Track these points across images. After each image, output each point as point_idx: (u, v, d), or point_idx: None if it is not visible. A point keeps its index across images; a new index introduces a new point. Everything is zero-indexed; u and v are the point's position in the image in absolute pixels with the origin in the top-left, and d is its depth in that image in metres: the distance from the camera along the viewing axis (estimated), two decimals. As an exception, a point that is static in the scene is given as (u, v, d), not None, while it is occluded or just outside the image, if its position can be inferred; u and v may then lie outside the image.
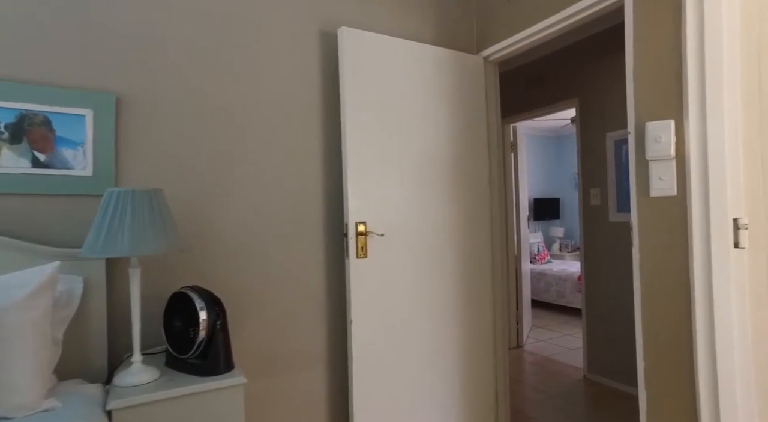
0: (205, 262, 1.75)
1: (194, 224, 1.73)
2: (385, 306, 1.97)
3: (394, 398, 1.97)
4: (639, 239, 1.58)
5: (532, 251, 6.08)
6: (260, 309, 1.85)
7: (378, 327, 1.94)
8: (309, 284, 1.95)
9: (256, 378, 1.83)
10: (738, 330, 1.42)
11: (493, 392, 2.31)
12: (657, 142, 1.50)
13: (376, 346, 1.93)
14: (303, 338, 1.93)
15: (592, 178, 3.26)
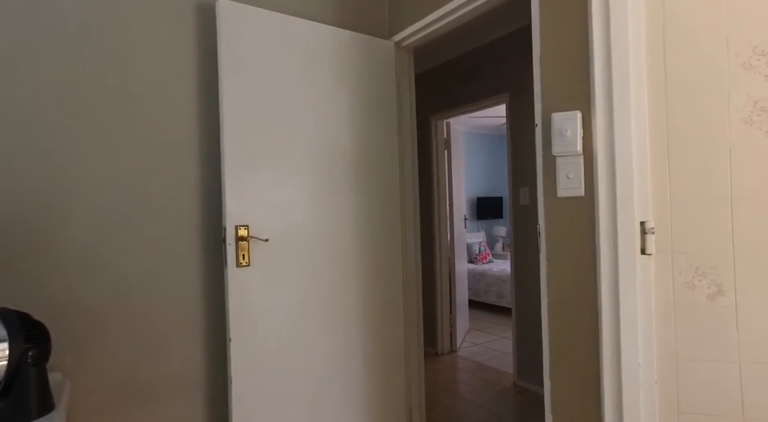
0: (41, 278, 1.43)
1: (18, 235, 1.41)
2: (272, 320, 1.71)
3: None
4: (546, 244, 1.41)
5: (473, 251, 5.99)
6: (120, 330, 1.55)
7: (263, 345, 1.68)
8: (184, 299, 1.66)
9: (115, 412, 1.53)
10: (644, 344, 1.28)
11: (406, 407, 2.11)
12: (563, 135, 1.33)
13: (261, 367, 1.68)
14: (177, 361, 1.65)
15: (521, 177, 3.14)
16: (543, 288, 1.45)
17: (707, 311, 1.28)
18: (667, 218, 1.30)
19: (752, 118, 1.25)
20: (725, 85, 1.27)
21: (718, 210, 1.27)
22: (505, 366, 3.43)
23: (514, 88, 3.16)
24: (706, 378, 1.28)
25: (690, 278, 1.29)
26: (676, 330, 1.30)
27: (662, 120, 1.31)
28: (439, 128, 3.95)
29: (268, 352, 1.69)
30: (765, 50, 1.25)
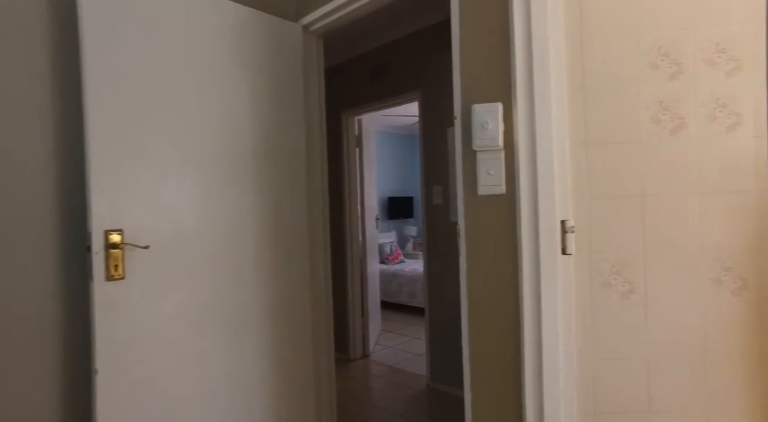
0: None
1: None
2: (156, 342, 1.43)
3: (171, 467, 1.45)
4: (467, 245, 1.32)
5: (384, 252, 5.95)
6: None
7: (145, 373, 1.40)
8: (33, 321, 1.32)
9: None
10: (564, 346, 1.24)
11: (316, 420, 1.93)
12: (484, 128, 1.24)
13: (142, 400, 1.39)
14: (19, 400, 1.30)
15: (434, 175, 3.10)
16: (463, 291, 1.36)
17: (621, 309, 1.27)
18: (585, 217, 1.28)
19: (659, 117, 1.26)
20: (635, 84, 1.27)
21: (631, 208, 1.27)
22: (419, 369, 3.38)
23: (426, 85, 3.12)
24: (619, 377, 1.27)
25: (606, 277, 1.27)
26: (593, 330, 1.28)
27: (581, 116, 1.28)
28: (351, 125, 3.81)
29: (151, 381, 1.41)
30: (668, 52, 1.27)
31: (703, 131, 1.25)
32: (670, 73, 1.26)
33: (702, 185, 1.25)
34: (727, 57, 1.26)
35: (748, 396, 1.25)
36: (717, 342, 1.25)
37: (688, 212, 1.25)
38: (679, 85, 1.26)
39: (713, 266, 1.25)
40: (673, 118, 1.25)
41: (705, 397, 1.25)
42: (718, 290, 1.25)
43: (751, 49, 1.26)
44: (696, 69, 1.26)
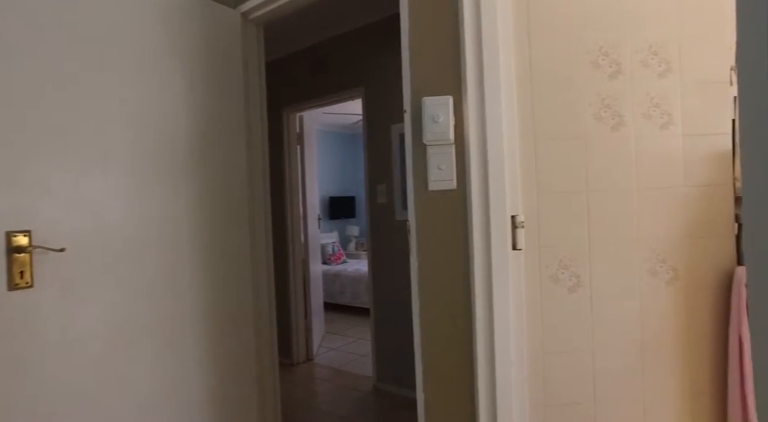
0: None
1: None
2: (72, 360, 1.27)
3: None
4: (417, 241, 1.29)
5: (327, 252, 5.84)
6: None
7: (58, 396, 1.24)
8: None
9: None
10: (515, 342, 1.24)
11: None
12: (435, 122, 1.22)
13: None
14: None
15: (378, 173, 3.07)
16: (414, 289, 1.32)
17: (568, 303, 1.29)
18: (534, 212, 1.29)
19: (601, 114, 1.30)
20: (579, 82, 1.30)
21: (577, 203, 1.29)
22: (364, 370, 3.34)
23: (370, 82, 3.08)
24: (568, 369, 1.30)
25: (554, 272, 1.29)
26: (543, 324, 1.29)
27: (529, 112, 1.29)
28: (292, 122, 3.69)
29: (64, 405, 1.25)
30: (608, 51, 1.31)
31: (640, 129, 1.31)
32: (610, 73, 1.30)
33: (640, 180, 1.30)
34: (658, 59, 1.32)
35: (679, 380, 1.32)
36: (653, 330, 1.31)
37: (628, 207, 1.30)
38: (619, 84, 1.30)
39: (650, 258, 1.31)
40: (614, 115, 1.29)
41: (643, 384, 1.31)
42: (653, 281, 1.31)
43: (677, 52, 1.33)
44: (633, 69, 1.31)
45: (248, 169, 1.85)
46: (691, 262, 1.32)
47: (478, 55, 1.21)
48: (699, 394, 1.32)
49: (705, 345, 1.33)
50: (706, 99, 1.33)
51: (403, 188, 2.91)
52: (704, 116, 1.33)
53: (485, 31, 1.21)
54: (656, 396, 1.31)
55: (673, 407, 1.32)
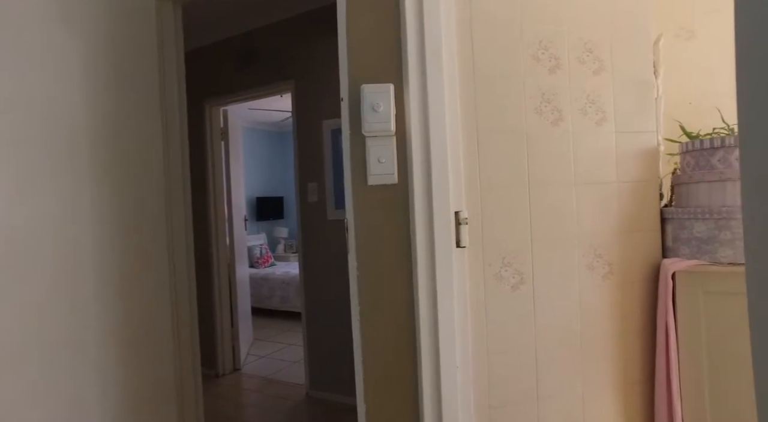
0: None
1: None
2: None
3: None
4: (356, 239, 1.19)
5: (254, 255, 5.56)
6: None
7: None
8: None
9: None
10: (461, 344, 1.19)
11: (181, 466, 1.63)
12: (375, 111, 1.13)
13: None
14: None
15: (309, 172, 2.93)
16: (353, 290, 1.22)
17: (512, 301, 1.27)
18: (477, 208, 1.24)
19: (541, 108, 1.29)
20: (521, 75, 1.28)
21: (519, 198, 1.27)
22: (296, 377, 3.18)
23: (300, 75, 2.93)
24: (512, 368, 1.27)
25: (498, 269, 1.26)
26: (487, 323, 1.25)
27: (471, 104, 1.24)
28: (215, 116, 3.43)
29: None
30: (547, 46, 1.30)
31: (577, 125, 1.31)
32: (550, 67, 1.29)
33: (578, 175, 1.31)
34: (593, 57, 1.33)
35: (613, 370, 1.34)
36: (590, 324, 1.32)
37: (568, 202, 1.30)
38: (558, 79, 1.30)
39: (588, 253, 1.32)
40: (554, 110, 1.29)
41: (582, 377, 1.31)
42: (591, 276, 1.32)
43: (609, 51, 1.35)
44: (570, 65, 1.31)
45: (165, 165, 1.64)
46: (624, 256, 1.35)
47: (420, 42, 1.14)
48: (631, 382, 1.36)
49: (636, 335, 1.36)
50: (634, 98, 1.37)
51: (336, 186, 2.80)
52: (633, 114, 1.37)
53: (427, 16, 1.14)
54: (593, 387, 1.32)
55: (609, 396, 1.34)
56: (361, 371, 1.20)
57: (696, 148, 1.31)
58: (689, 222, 1.28)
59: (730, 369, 1.25)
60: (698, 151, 1.30)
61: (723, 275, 1.24)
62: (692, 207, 1.28)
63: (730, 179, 1.23)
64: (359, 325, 1.20)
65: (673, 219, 1.33)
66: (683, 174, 1.36)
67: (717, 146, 1.26)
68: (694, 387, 1.29)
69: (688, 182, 1.32)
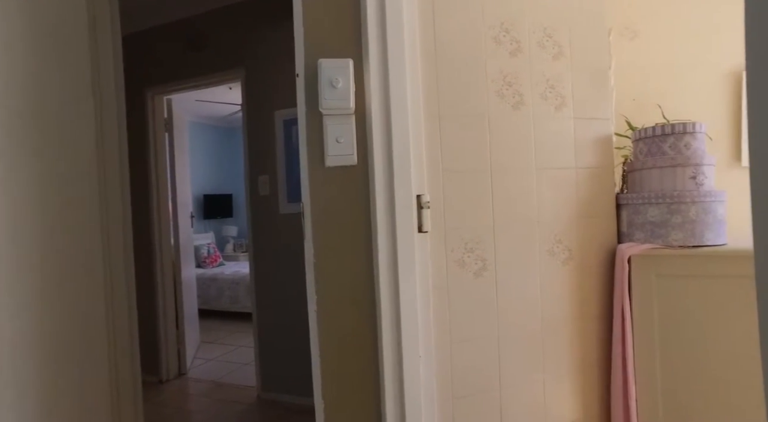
0: None
1: None
2: None
3: None
4: (312, 225, 1.12)
5: (201, 254, 5.31)
6: None
7: None
8: None
9: None
10: (423, 333, 1.14)
11: (118, 480, 1.48)
12: (333, 87, 1.06)
13: None
14: None
15: (260, 164, 2.81)
16: (309, 279, 1.15)
17: (475, 288, 1.23)
18: (439, 192, 1.20)
19: (503, 91, 1.27)
20: (482, 57, 1.25)
21: (481, 182, 1.24)
22: (247, 379, 3.03)
23: (251, 62, 2.80)
24: (475, 357, 1.24)
25: (461, 255, 1.22)
26: (450, 312, 1.21)
27: (433, 85, 1.20)
28: (158, 106, 3.22)
29: None
30: (509, 28, 1.28)
31: (538, 109, 1.30)
32: (511, 50, 1.27)
33: (539, 161, 1.30)
34: (552, 42, 1.33)
35: (573, 354, 1.34)
36: (551, 310, 1.31)
37: (529, 187, 1.29)
38: (519, 62, 1.28)
39: (548, 238, 1.31)
40: (515, 94, 1.27)
41: (543, 363, 1.31)
42: (551, 261, 1.32)
43: (568, 36, 1.36)
44: (530, 49, 1.30)
45: (100, 157, 1.49)
46: (582, 241, 1.35)
47: (381, 16, 1.09)
48: (589, 366, 1.36)
49: (594, 319, 1.37)
50: (591, 85, 1.38)
51: (290, 179, 2.69)
52: (590, 101, 1.38)
53: None
54: (554, 372, 1.32)
55: (568, 381, 1.34)
56: (319, 364, 1.13)
57: (648, 135, 1.34)
58: (643, 207, 1.30)
59: (681, 349, 1.28)
60: (650, 138, 1.33)
61: (674, 258, 1.27)
62: (646, 192, 1.31)
63: (680, 164, 1.27)
64: (316, 316, 1.12)
65: (628, 205, 1.35)
66: (636, 161, 1.39)
67: (668, 133, 1.30)
68: (647, 368, 1.31)
69: (641, 169, 1.35)
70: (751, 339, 1.21)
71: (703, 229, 1.23)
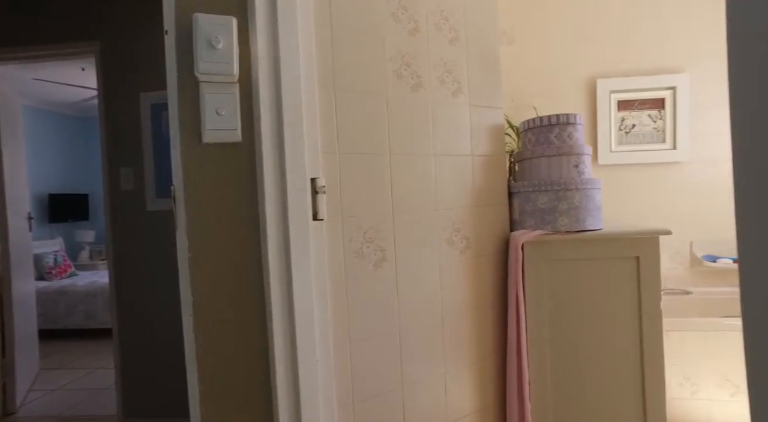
0: None
1: None
2: None
3: None
4: (187, 212, 0.93)
5: (45, 264, 4.48)
6: None
7: None
8: None
9: None
10: (321, 334, 1.01)
11: None
12: (213, 47, 0.89)
13: None
14: None
15: (122, 155, 2.41)
16: (184, 278, 0.95)
17: (374, 281, 1.14)
18: (336, 176, 1.09)
19: (401, 71, 1.20)
20: (380, 33, 1.17)
21: (380, 167, 1.16)
22: (104, 408, 2.58)
23: (109, 35, 2.39)
24: (375, 356, 1.15)
25: (359, 246, 1.12)
26: (348, 308, 1.10)
27: (328, 59, 1.08)
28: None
29: None
30: (407, 5, 1.22)
31: (436, 93, 1.26)
32: (410, 29, 1.21)
33: (437, 146, 1.26)
34: (449, 26, 1.31)
35: (471, 345, 1.33)
36: (450, 301, 1.28)
37: (427, 174, 1.24)
38: (417, 42, 1.23)
39: (447, 227, 1.27)
40: (413, 75, 1.21)
41: (444, 357, 1.26)
42: (450, 251, 1.28)
43: (464, 21, 1.34)
44: (428, 30, 1.26)
45: None
46: (478, 230, 1.35)
47: (270, -30, 0.94)
48: (486, 356, 1.36)
49: (491, 308, 1.37)
50: (485, 73, 1.39)
51: (159, 172, 2.35)
52: (484, 89, 1.38)
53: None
54: (454, 364, 1.28)
55: (468, 372, 1.31)
56: (196, 382, 0.94)
57: (536, 125, 1.38)
58: (534, 195, 1.33)
59: (566, 331, 1.34)
60: (538, 128, 1.38)
61: (561, 243, 1.32)
62: (536, 180, 1.35)
63: (565, 153, 1.32)
64: (193, 323, 0.93)
65: (520, 193, 1.38)
66: (525, 150, 1.42)
67: (554, 123, 1.35)
68: (538, 353, 1.34)
69: (531, 158, 1.39)
70: (625, 315, 1.31)
71: (586, 215, 1.30)
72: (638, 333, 1.29)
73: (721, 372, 1.89)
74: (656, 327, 1.28)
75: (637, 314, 1.29)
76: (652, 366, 1.29)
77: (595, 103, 2.40)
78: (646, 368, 1.29)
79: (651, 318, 1.28)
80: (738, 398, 1.88)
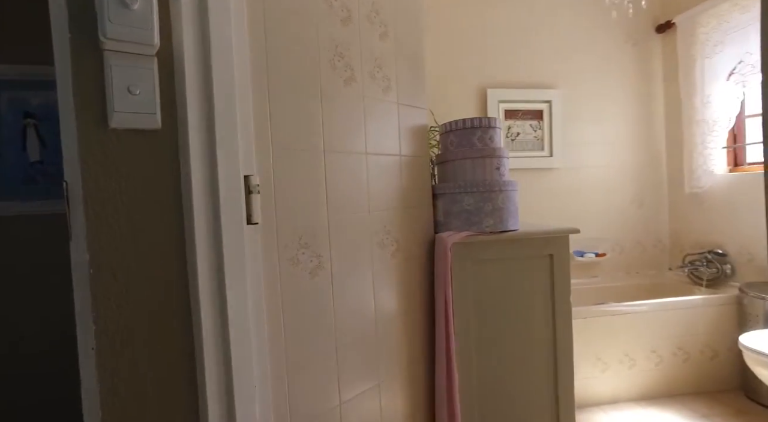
0: None
1: None
2: None
3: None
4: (87, 216, 0.71)
5: None
6: None
7: None
8: None
9: None
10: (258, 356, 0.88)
11: None
12: (126, 7, 0.70)
13: None
14: None
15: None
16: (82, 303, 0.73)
17: (311, 290, 1.03)
18: (269, 174, 0.96)
19: (335, 62, 1.11)
20: (315, 19, 1.06)
21: (315, 165, 1.05)
22: None
23: None
24: (313, 376, 1.03)
25: (294, 252, 1.00)
26: (285, 325, 0.98)
27: (261, 42, 0.95)
28: None
29: None
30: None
31: (367, 88, 1.20)
32: (343, 17, 1.13)
33: (369, 145, 1.19)
34: (380, 19, 1.25)
35: (401, 351, 1.28)
36: (383, 307, 1.22)
37: (360, 173, 1.16)
38: (350, 33, 1.14)
39: (380, 230, 1.21)
40: (346, 67, 1.13)
41: (378, 367, 1.20)
42: (382, 254, 1.22)
43: (394, 17, 1.30)
44: (360, 22, 1.19)
45: None
46: (406, 232, 1.31)
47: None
48: (415, 361, 1.33)
49: (420, 312, 1.35)
50: (411, 71, 1.36)
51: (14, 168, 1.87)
52: (411, 88, 1.35)
53: None
54: (387, 374, 1.23)
55: (399, 378, 1.27)
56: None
57: (459, 127, 1.40)
58: (460, 196, 1.34)
59: (490, 330, 1.38)
60: (461, 130, 1.39)
61: (487, 244, 1.35)
62: (461, 181, 1.36)
63: (488, 156, 1.36)
64: (95, 359, 0.72)
65: (445, 194, 1.38)
66: (447, 152, 1.43)
67: (477, 126, 1.38)
68: (465, 354, 1.36)
69: (454, 159, 1.40)
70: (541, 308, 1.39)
71: (507, 216, 1.35)
72: (551, 323, 1.38)
73: (594, 353, 2.15)
74: (567, 316, 1.38)
75: (551, 307, 1.38)
76: (563, 351, 1.39)
77: (486, 111, 2.56)
78: (558, 353, 1.39)
79: (562, 309, 1.38)
80: (607, 374, 2.16)
